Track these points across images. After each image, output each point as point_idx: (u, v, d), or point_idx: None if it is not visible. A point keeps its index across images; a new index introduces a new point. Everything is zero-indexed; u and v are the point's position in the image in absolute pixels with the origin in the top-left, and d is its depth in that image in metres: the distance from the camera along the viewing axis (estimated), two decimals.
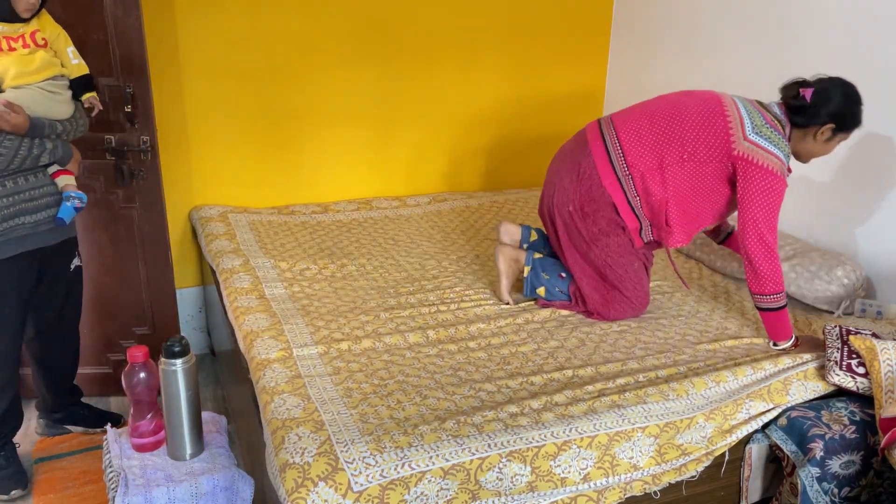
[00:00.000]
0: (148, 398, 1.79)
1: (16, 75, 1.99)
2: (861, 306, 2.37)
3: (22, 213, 2.06)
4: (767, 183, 2.04)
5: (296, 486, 1.51)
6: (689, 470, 1.85)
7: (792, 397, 1.99)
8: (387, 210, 3.24)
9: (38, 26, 2.06)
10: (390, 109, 3.30)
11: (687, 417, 1.84)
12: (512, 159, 3.63)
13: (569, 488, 1.70)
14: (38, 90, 2.04)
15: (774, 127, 2.09)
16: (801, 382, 2.01)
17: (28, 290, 2.22)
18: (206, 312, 3.22)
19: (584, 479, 1.72)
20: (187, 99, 2.95)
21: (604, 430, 1.75)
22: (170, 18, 2.83)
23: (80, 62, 2.16)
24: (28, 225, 2.08)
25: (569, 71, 3.56)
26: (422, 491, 1.57)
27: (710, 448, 1.87)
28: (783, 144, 2.08)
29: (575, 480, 1.71)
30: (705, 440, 1.86)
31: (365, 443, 1.62)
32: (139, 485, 1.67)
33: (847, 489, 1.93)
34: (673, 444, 1.82)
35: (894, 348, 1.95)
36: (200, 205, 3.11)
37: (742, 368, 2.01)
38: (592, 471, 1.73)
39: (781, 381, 1.99)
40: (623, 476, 1.76)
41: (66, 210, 2.15)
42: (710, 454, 1.88)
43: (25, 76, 2.01)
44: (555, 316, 2.33)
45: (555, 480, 1.69)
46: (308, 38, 3.05)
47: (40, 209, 2.11)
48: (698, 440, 1.85)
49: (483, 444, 1.65)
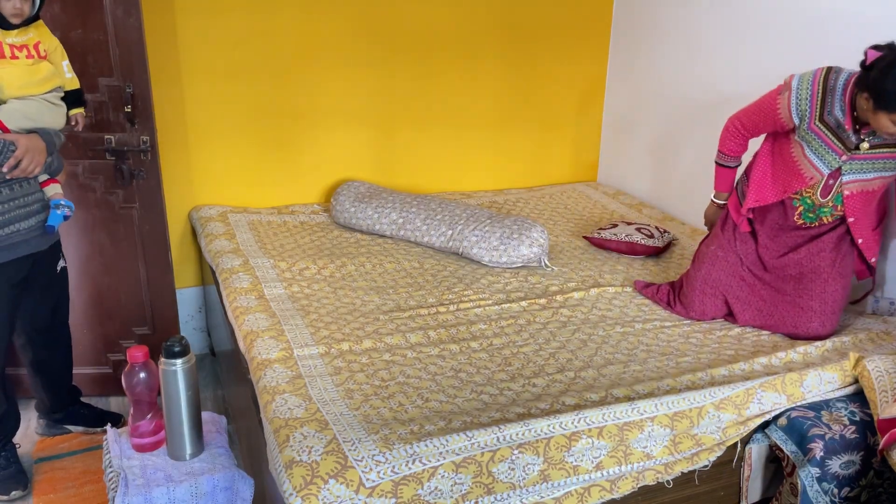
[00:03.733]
0: (148, 398, 1.79)
1: (22, 85, 1.99)
2: (874, 302, 2.35)
3: (16, 219, 2.07)
4: (770, 93, 2.19)
5: (304, 483, 1.50)
6: (701, 459, 1.85)
7: (807, 389, 1.97)
8: None
9: (39, 37, 2.06)
10: (390, 109, 3.30)
11: (697, 406, 1.84)
12: (512, 159, 3.63)
13: (581, 477, 1.71)
14: (43, 101, 2.05)
15: (815, 80, 2.08)
16: (817, 374, 2.00)
17: (17, 295, 2.22)
18: (205, 312, 3.22)
19: (597, 467, 1.72)
20: (187, 99, 2.95)
21: (613, 421, 1.75)
22: (170, 18, 2.83)
23: (73, 76, 2.19)
24: (22, 231, 2.09)
25: (569, 71, 3.56)
26: (435, 486, 1.57)
27: (724, 438, 1.87)
28: (806, 94, 2.08)
29: (587, 469, 1.71)
30: (720, 431, 1.86)
31: (372, 441, 1.62)
32: (139, 485, 1.67)
33: (847, 489, 1.93)
34: (689, 435, 1.82)
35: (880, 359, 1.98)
36: (200, 205, 3.11)
37: (757, 359, 2.02)
38: (605, 459, 1.73)
39: (798, 373, 1.98)
40: (636, 465, 1.76)
41: (56, 218, 2.16)
42: (723, 444, 1.88)
43: (31, 87, 2.01)
44: (557, 317, 2.33)
45: (567, 469, 1.69)
46: (308, 38, 3.05)
47: (31, 215, 2.11)
48: (713, 430, 1.85)
49: (493, 437, 1.65)
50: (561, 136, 3.69)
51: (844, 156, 2.08)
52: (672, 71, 3.23)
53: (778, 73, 2.26)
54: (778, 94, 2.16)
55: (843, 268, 2.22)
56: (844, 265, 2.23)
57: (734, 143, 2.31)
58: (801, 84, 2.09)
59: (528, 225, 2.71)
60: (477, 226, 2.74)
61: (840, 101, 2.04)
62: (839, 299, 2.22)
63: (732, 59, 2.90)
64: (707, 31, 3.02)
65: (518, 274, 2.63)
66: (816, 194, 2.16)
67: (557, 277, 2.61)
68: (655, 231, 2.86)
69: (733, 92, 2.85)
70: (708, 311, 2.34)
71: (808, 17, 2.58)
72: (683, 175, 3.22)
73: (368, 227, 2.94)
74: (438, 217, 2.84)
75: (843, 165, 2.09)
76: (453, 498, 1.59)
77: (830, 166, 2.10)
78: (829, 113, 2.06)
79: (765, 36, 2.75)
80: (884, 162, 2.08)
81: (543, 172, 3.73)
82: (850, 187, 2.12)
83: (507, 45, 3.40)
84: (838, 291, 2.21)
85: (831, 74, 2.06)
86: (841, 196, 2.14)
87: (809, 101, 2.07)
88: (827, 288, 2.20)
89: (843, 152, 2.08)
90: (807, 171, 2.14)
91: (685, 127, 3.19)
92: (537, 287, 2.53)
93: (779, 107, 2.14)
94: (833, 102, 2.05)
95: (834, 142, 2.08)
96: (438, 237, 2.79)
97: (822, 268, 2.21)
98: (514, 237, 2.66)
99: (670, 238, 2.90)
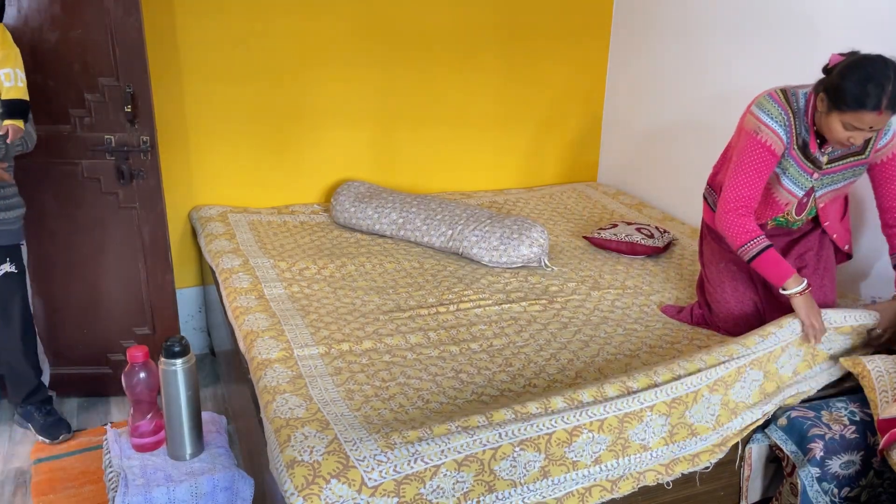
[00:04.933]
0: (148, 398, 1.79)
1: None
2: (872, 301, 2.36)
3: None
4: (747, 143, 2.03)
5: (306, 483, 1.50)
6: (702, 461, 1.86)
7: (780, 365, 1.99)
8: None
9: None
10: (390, 109, 3.29)
11: (692, 391, 1.84)
12: (512, 159, 3.63)
13: (581, 472, 1.71)
14: None
15: (778, 101, 2.02)
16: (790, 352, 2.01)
17: None
18: (205, 312, 3.22)
19: (596, 461, 1.73)
20: (187, 99, 2.95)
21: (613, 413, 1.75)
22: (170, 18, 2.83)
23: (16, 86, 2.16)
24: None
25: (569, 71, 3.56)
26: (438, 485, 1.57)
27: (718, 429, 1.87)
28: (781, 117, 2.01)
29: (586, 464, 1.71)
30: (714, 418, 1.87)
31: (374, 440, 1.62)
32: (139, 485, 1.68)
33: (847, 489, 1.93)
34: (684, 423, 1.83)
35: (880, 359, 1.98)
36: (200, 205, 3.11)
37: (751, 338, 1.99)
38: (604, 453, 1.73)
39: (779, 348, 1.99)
40: (633, 458, 1.76)
41: None
42: (723, 444, 1.89)
43: None
44: (558, 318, 2.33)
45: (567, 464, 1.69)
46: (308, 37, 3.05)
47: None
48: (708, 418, 1.86)
49: (494, 434, 1.65)
50: (561, 135, 3.69)
51: (815, 174, 2.08)
52: (672, 71, 3.23)
53: (778, 73, 2.27)
54: (754, 136, 2.02)
55: (828, 262, 2.25)
56: (829, 259, 2.26)
57: (745, 227, 2.05)
58: (772, 112, 2.01)
59: (528, 225, 2.71)
60: (477, 226, 2.74)
61: (804, 122, 2.03)
62: (830, 294, 2.24)
63: (732, 59, 2.90)
64: (707, 31, 3.02)
65: (518, 274, 2.63)
66: (791, 213, 2.17)
67: (557, 277, 2.61)
68: (655, 231, 2.86)
69: (733, 91, 2.85)
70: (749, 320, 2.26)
71: (808, 17, 2.58)
72: (683, 175, 3.21)
73: (368, 227, 2.94)
74: (438, 217, 2.84)
75: (815, 184, 2.10)
76: (455, 496, 1.59)
77: (804, 187, 2.11)
78: (798, 135, 2.05)
79: (765, 35, 2.75)
80: (853, 170, 2.10)
81: (543, 172, 3.73)
82: (823, 199, 2.14)
83: (508, 45, 3.40)
84: (827, 286, 2.23)
85: (789, 96, 2.02)
86: (815, 209, 2.16)
87: (788, 125, 2.02)
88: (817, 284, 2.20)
89: (814, 171, 2.08)
90: (782, 198, 2.13)
91: (685, 127, 3.19)
92: (537, 287, 2.53)
93: (770, 145, 2.01)
94: (799, 125, 2.03)
95: (805, 163, 2.08)
96: (438, 237, 2.79)
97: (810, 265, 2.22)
98: (514, 237, 2.66)
99: (670, 238, 2.90)
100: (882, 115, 1.83)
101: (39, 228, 2.60)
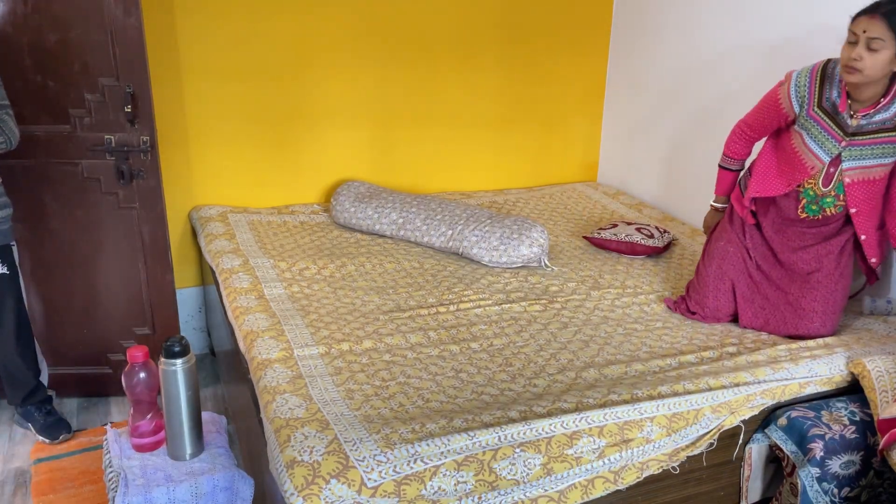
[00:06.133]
0: (148, 398, 1.79)
1: None
2: (870, 303, 2.36)
3: None
4: (770, 90, 2.26)
5: (306, 483, 1.50)
6: (704, 441, 1.87)
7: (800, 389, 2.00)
8: None
9: None
10: (390, 109, 3.29)
11: (694, 409, 1.85)
12: (512, 159, 3.63)
13: (584, 467, 1.71)
14: None
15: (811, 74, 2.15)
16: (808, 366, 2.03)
17: None
18: (205, 312, 3.22)
19: (600, 455, 1.73)
20: (187, 99, 2.95)
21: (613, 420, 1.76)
22: (170, 18, 2.83)
23: None
24: None
25: (569, 71, 3.56)
26: (438, 485, 1.57)
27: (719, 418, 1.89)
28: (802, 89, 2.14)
29: (590, 459, 1.72)
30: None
31: (374, 441, 1.62)
32: (139, 485, 1.68)
33: (847, 489, 1.93)
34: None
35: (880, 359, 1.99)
36: (200, 205, 3.11)
37: (762, 370, 2.00)
38: (606, 448, 1.74)
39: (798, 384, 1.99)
40: (637, 450, 1.77)
41: None
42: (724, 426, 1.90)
43: None
44: (558, 318, 2.33)
45: (570, 461, 1.70)
46: (308, 37, 3.05)
47: None
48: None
49: (494, 437, 1.65)
50: (561, 135, 3.69)
51: (843, 142, 2.10)
52: (672, 70, 3.23)
53: (779, 72, 2.27)
54: (778, 87, 2.22)
55: (846, 269, 2.25)
56: (847, 266, 2.26)
57: (739, 145, 2.35)
58: (801, 74, 2.16)
59: (528, 225, 2.71)
60: (477, 226, 2.74)
61: (837, 85, 2.09)
62: (840, 300, 2.24)
63: (732, 59, 2.90)
64: (707, 31, 3.02)
65: (518, 274, 2.63)
66: (818, 183, 2.17)
67: (557, 277, 2.61)
68: (655, 231, 2.86)
69: (734, 91, 2.86)
70: (722, 307, 2.33)
71: (808, 17, 2.58)
72: (684, 175, 3.22)
73: (368, 227, 2.94)
74: (438, 217, 2.84)
75: (842, 152, 2.11)
76: (457, 496, 1.59)
77: (830, 153, 2.12)
78: (826, 98, 2.11)
79: (765, 35, 2.75)
80: (882, 147, 2.09)
81: (543, 172, 3.73)
82: (850, 174, 2.13)
83: (507, 45, 3.40)
84: (839, 292, 2.23)
85: (830, 64, 2.13)
86: (842, 185, 2.15)
87: (808, 87, 2.13)
88: (830, 288, 2.21)
89: (842, 138, 2.10)
90: (808, 160, 2.17)
91: (685, 126, 3.19)
92: (537, 287, 2.53)
93: (780, 97, 2.19)
94: (831, 88, 2.10)
95: (832, 127, 2.10)
96: (438, 237, 2.79)
97: (829, 269, 2.23)
98: (514, 237, 2.66)
99: (670, 238, 2.90)
100: (874, 19, 1.92)
101: (39, 228, 2.60)
